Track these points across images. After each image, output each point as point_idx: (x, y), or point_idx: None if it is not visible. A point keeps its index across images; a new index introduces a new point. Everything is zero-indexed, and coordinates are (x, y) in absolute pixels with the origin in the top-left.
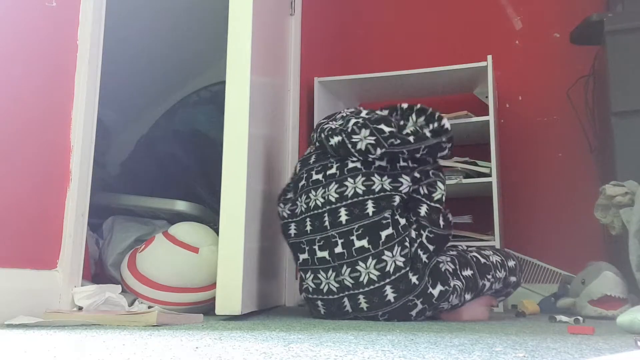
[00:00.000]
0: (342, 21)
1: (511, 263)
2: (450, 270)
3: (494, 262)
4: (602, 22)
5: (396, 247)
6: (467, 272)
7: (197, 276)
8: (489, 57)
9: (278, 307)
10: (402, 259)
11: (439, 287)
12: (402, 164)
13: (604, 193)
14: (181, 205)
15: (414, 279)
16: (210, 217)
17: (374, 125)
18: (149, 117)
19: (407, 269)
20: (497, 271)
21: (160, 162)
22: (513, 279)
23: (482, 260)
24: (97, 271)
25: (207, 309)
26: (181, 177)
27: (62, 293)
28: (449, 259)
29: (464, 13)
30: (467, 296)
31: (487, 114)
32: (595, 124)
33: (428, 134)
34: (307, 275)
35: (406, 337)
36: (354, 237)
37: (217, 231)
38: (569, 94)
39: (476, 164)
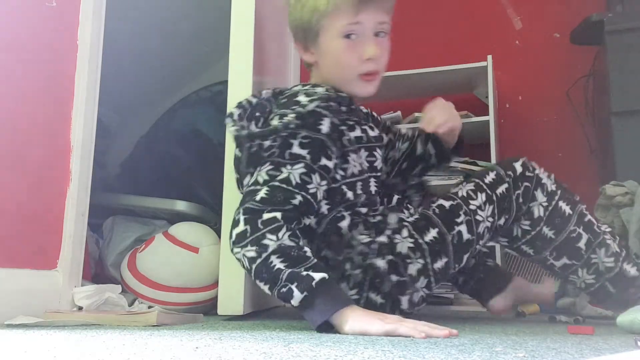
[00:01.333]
0: None
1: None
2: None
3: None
4: (602, 22)
5: None
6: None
7: (197, 276)
8: (489, 57)
9: (278, 307)
10: None
11: None
12: None
13: (604, 193)
14: (181, 205)
15: None
16: (210, 217)
17: None
18: (149, 117)
19: None
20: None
21: (160, 162)
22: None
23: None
24: (97, 271)
25: (207, 309)
26: (181, 177)
27: (62, 293)
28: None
29: (464, 13)
30: None
31: (487, 114)
32: (595, 124)
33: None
34: None
35: (406, 337)
36: None
37: (217, 231)
38: (569, 94)
39: (476, 164)
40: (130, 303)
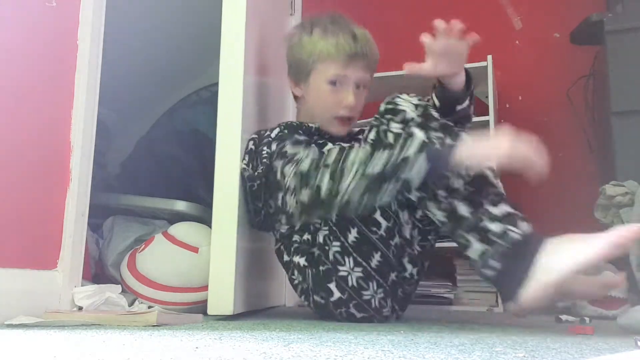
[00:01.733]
0: None
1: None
2: None
3: None
4: (602, 22)
5: None
6: None
7: (196, 276)
8: (489, 57)
9: (278, 307)
10: None
11: None
12: None
13: (604, 193)
14: (181, 205)
15: None
16: (210, 217)
17: None
18: (149, 117)
19: None
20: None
21: (160, 162)
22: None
23: None
24: (97, 271)
25: (206, 308)
26: (181, 177)
27: (62, 293)
28: None
29: (464, 13)
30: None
31: (487, 114)
32: (595, 124)
33: None
34: None
35: (406, 337)
36: None
37: None
38: (569, 94)
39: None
40: (130, 303)
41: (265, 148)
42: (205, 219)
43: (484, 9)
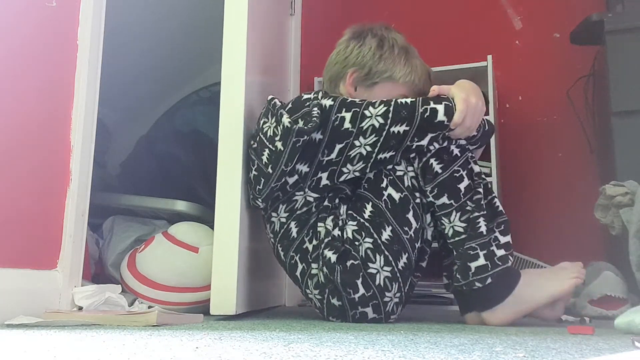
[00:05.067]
0: (343, 21)
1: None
2: None
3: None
4: (602, 22)
5: None
6: None
7: (196, 275)
8: (489, 57)
9: (278, 307)
10: None
11: None
12: None
13: (604, 193)
14: (181, 205)
15: None
16: (210, 217)
17: None
18: (149, 117)
19: None
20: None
21: (160, 162)
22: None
23: None
24: (97, 271)
25: (207, 308)
26: (181, 177)
27: (62, 293)
28: None
29: (464, 13)
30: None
31: (487, 114)
32: (595, 124)
33: None
34: None
35: (406, 337)
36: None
37: None
38: (569, 94)
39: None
40: (130, 303)
41: (313, 104)
42: (205, 219)
43: (484, 9)
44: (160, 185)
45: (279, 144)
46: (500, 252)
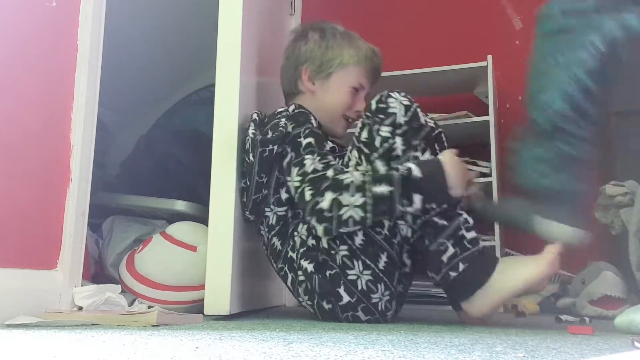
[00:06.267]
0: (342, 21)
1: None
2: None
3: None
4: None
5: None
6: None
7: (195, 274)
8: (489, 57)
9: (278, 307)
10: None
11: None
12: None
13: (604, 193)
14: (181, 205)
15: None
16: None
17: None
18: (149, 117)
19: None
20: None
21: (160, 162)
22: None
23: None
24: (97, 271)
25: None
26: (181, 177)
27: (62, 293)
28: None
29: (464, 13)
30: None
31: (487, 114)
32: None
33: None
34: None
35: (406, 337)
36: None
37: None
38: None
39: (476, 164)
40: (130, 303)
41: (283, 120)
42: (205, 219)
43: (484, 9)
44: (160, 185)
45: (250, 156)
46: (470, 235)
